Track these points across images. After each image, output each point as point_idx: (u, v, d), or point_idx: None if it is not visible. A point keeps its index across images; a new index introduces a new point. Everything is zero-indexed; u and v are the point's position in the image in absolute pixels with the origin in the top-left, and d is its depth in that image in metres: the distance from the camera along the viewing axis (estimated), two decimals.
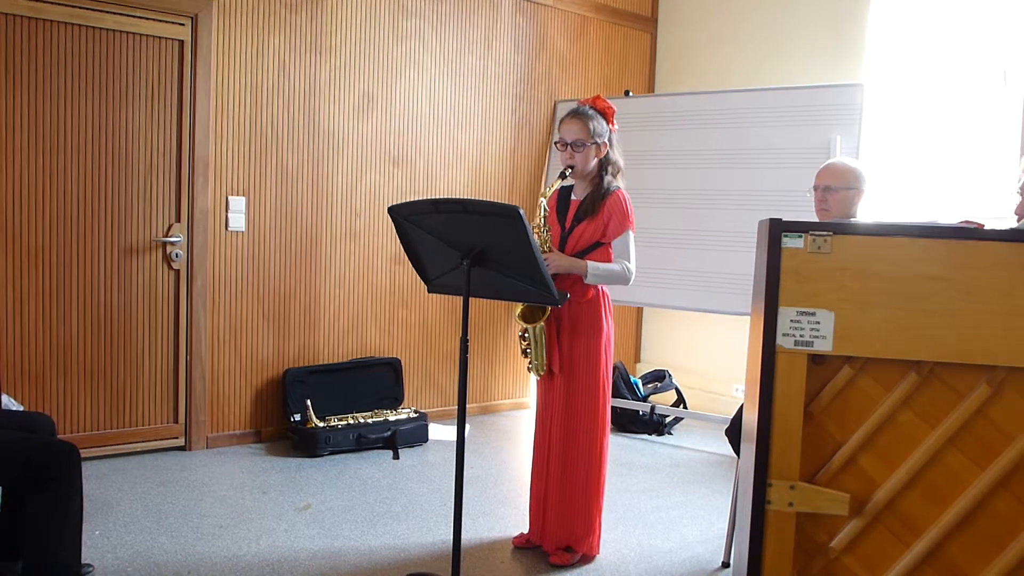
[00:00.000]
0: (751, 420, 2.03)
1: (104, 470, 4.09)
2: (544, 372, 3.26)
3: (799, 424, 1.93)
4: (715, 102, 5.04)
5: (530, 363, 3.27)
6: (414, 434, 4.77)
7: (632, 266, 3.19)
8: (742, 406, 2.67)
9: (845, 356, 1.94)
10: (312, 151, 4.80)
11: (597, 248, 3.20)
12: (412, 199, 4.25)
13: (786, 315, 1.93)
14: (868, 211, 3.23)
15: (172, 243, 4.38)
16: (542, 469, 3.32)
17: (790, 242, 1.93)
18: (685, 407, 5.56)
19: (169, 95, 4.33)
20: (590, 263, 3.13)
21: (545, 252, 3.10)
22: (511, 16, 5.56)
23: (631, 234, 3.20)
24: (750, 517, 1.97)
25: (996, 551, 1.90)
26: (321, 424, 4.57)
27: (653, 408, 5.25)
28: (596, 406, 3.22)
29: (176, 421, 4.48)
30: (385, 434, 4.67)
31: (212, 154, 4.45)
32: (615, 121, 3.28)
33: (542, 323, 3.18)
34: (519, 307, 3.20)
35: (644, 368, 6.17)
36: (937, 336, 1.88)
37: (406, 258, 3.03)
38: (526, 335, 3.23)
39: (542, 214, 3.19)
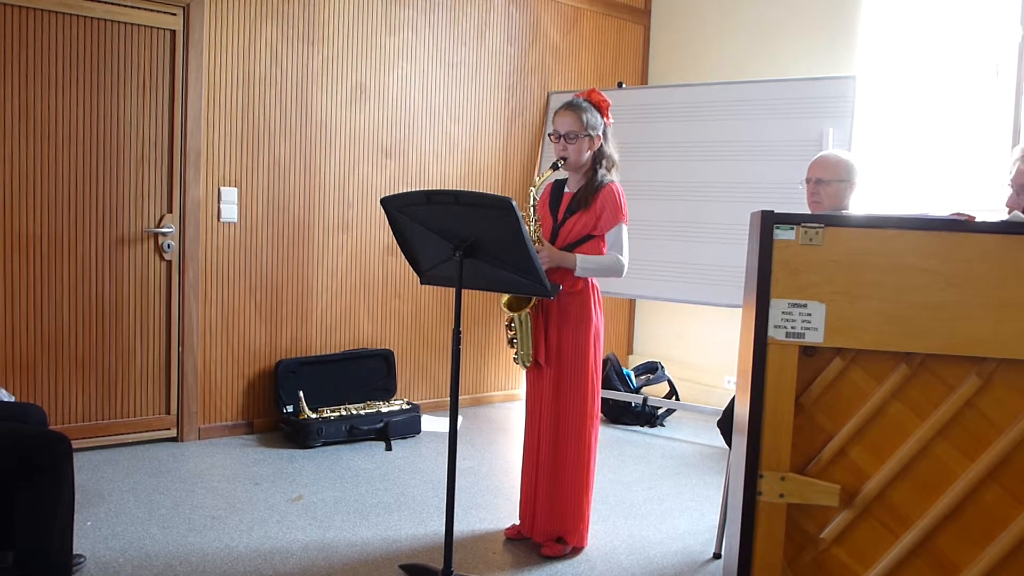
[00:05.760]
0: (742, 412, 2.04)
1: (96, 461, 4.08)
2: (530, 363, 3.26)
3: (790, 416, 1.94)
4: (708, 94, 5.04)
5: (516, 353, 3.27)
6: (406, 425, 4.77)
7: (625, 258, 3.18)
8: (734, 398, 2.67)
9: (836, 348, 1.95)
10: (304, 142, 4.78)
11: (588, 241, 3.20)
12: (405, 190, 4.25)
13: (778, 307, 1.94)
14: (860, 203, 3.23)
15: (164, 234, 4.37)
16: (532, 461, 3.32)
17: (782, 234, 1.93)
18: (677, 399, 5.57)
19: (161, 85, 4.31)
20: (580, 256, 3.13)
21: (535, 244, 3.10)
22: (504, 7, 5.54)
23: (624, 227, 3.19)
24: (741, 508, 1.98)
25: (985, 542, 1.91)
26: (313, 415, 4.57)
27: (645, 400, 5.26)
28: (585, 398, 3.22)
29: (168, 412, 4.47)
30: (377, 425, 4.67)
31: (204, 144, 4.43)
32: (610, 115, 3.27)
33: (528, 310, 3.18)
34: (505, 296, 3.20)
35: (636, 360, 6.18)
36: (928, 328, 1.89)
37: (399, 249, 3.03)
38: (513, 324, 3.24)
39: (532, 203, 3.19)
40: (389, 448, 4.57)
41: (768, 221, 1.94)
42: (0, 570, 2.68)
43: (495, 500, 3.86)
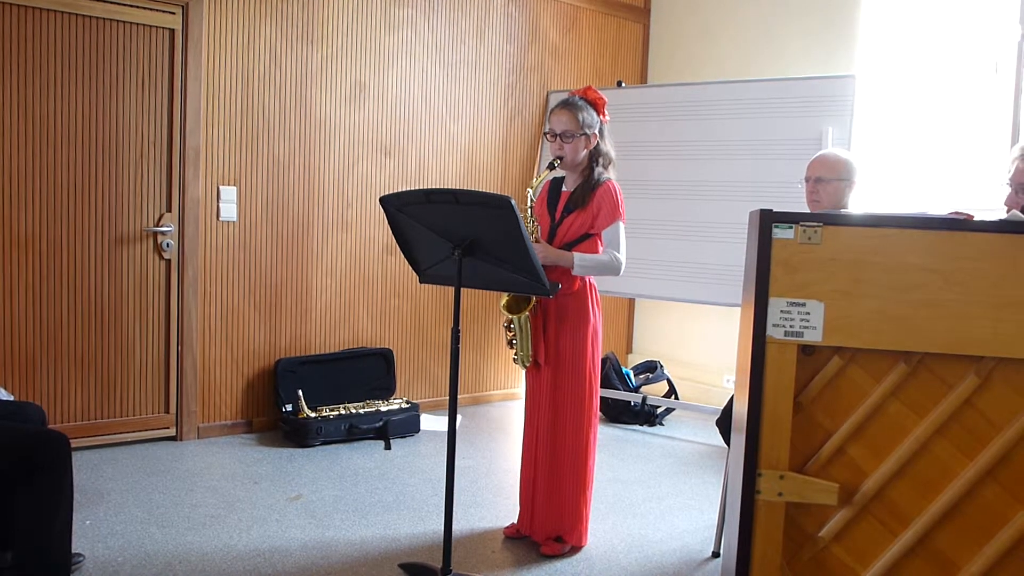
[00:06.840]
0: (741, 410, 2.04)
1: (95, 460, 4.08)
2: (529, 363, 3.26)
3: (789, 414, 1.94)
4: (707, 93, 5.04)
5: (516, 354, 3.27)
6: (406, 424, 4.77)
7: (622, 256, 3.18)
8: (733, 396, 2.67)
9: (835, 347, 1.94)
10: (304, 140, 4.78)
11: (586, 239, 3.19)
12: (404, 189, 4.24)
13: (776, 305, 1.94)
14: (859, 202, 3.23)
15: (163, 233, 4.37)
16: (531, 460, 3.32)
17: (781, 233, 1.93)
18: (677, 398, 5.58)
19: (160, 84, 4.31)
20: (577, 254, 3.13)
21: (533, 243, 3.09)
22: (503, 6, 5.54)
23: (621, 224, 3.19)
24: (740, 507, 1.98)
25: (984, 540, 1.91)
26: (313, 414, 4.56)
27: (645, 399, 5.26)
28: (583, 397, 3.22)
29: (167, 411, 4.47)
30: (377, 424, 4.67)
31: (203, 143, 4.42)
32: (606, 112, 3.27)
33: (527, 313, 3.18)
34: (504, 297, 3.19)
35: (636, 359, 6.18)
36: (926, 327, 1.89)
37: (398, 248, 3.03)
38: (511, 326, 3.23)
39: (529, 204, 3.18)
40: (388, 447, 4.57)
41: (767, 220, 1.94)
42: (0, 570, 2.68)
43: (494, 499, 3.86)
